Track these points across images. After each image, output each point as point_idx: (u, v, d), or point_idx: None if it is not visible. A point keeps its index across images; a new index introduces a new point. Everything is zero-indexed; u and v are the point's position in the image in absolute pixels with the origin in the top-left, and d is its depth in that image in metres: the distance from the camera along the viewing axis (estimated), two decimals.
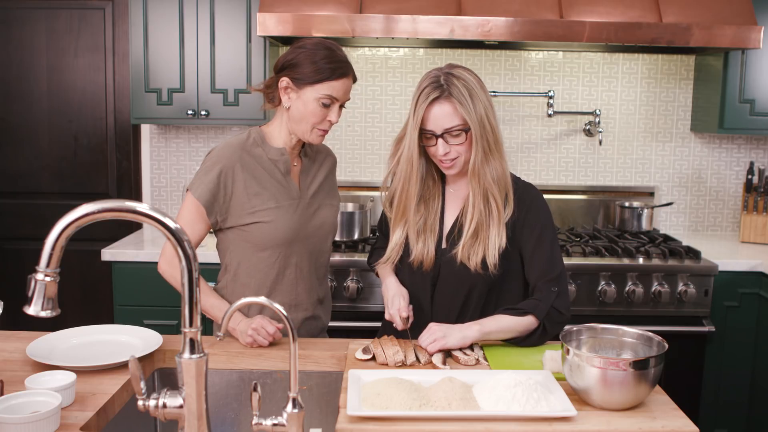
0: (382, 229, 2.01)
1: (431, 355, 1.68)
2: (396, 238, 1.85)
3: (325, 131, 1.83)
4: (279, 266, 1.87)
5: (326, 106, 1.77)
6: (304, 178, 1.92)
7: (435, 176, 1.87)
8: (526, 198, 1.83)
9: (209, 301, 1.84)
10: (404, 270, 1.88)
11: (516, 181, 1.86)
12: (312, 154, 1.97)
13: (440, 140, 1.72)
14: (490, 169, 1.75)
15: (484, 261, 1.77)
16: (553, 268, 1.80)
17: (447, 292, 1.84)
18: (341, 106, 1.82)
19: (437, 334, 1.68)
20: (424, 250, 1.81)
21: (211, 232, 1.93)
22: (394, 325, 1.81)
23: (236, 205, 1.83)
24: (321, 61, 1.75)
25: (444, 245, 1.84)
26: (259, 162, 1.85)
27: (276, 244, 1.85)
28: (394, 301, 1.82)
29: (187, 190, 1.84)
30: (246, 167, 1.82)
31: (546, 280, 1.78)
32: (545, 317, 1.75)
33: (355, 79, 1.84)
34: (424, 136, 1.75)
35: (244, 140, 1.86)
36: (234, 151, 1.83)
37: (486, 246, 1.76)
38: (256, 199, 1.82)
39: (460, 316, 1.84)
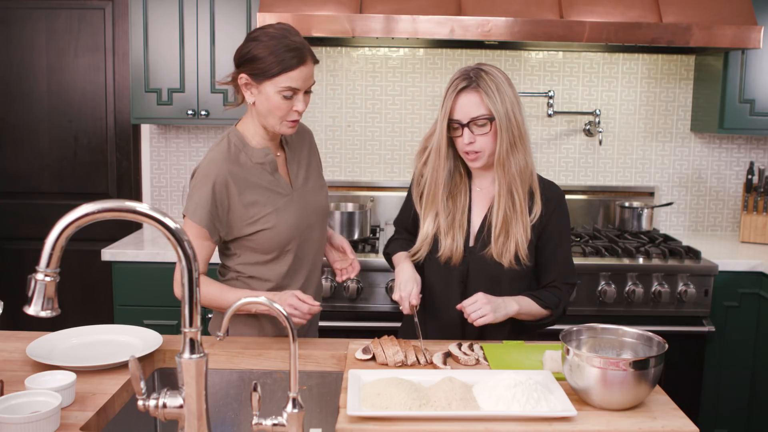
0: (403, 222, 2.05)
1: (476, 323, 1.73)
2: (426, 228, 1.88)
3: (295, 121, 1.80)
4: (288, 262, 1.88)
5: (289, 98, 1.75)
6: (292, 167, 1.92)
7: (462, 172, 1.90)
8: (552, 197, 1.89)
9: (234, 295, 1.80)
10: (432, 266, 1.91)
11: (540, 179, 1.90)
12: (290, 139, 1.96)
13: (465, 129, 1.77)
14: (515, 160, 1.79)
15: (516, 256, 1.82)
16: (572, 270, 1.92)
17: (479, 289, 1.84)
18: (307, 93, 1.78)
19: (486, 309, 1.72)
20: (453, 245, 1.85)
21: None
22: (401, 308, 1.80)
23: (235, 218, 1.82)
24: (275, 53, 1.71)
25: (472, 243, 1.88)
26: (246, 170, 1.83)
27: (281, 245, 1.85)
28: (407, 285, 1.81)
29: (184, 216, 1.81)
30: (236, 179, 1.80)
31: (566, 282, 1.89)
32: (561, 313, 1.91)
33: (315, 61, 1.78)
34: (451, 126, 1.80)
35: (227, 151, 1.82)
36: (221, 165, 1.79)
37: (516, 241, 1.81)
38: (253, 208, 1.82)
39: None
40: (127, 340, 1.76)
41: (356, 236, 3.00)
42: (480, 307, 1.72)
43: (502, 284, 1.85)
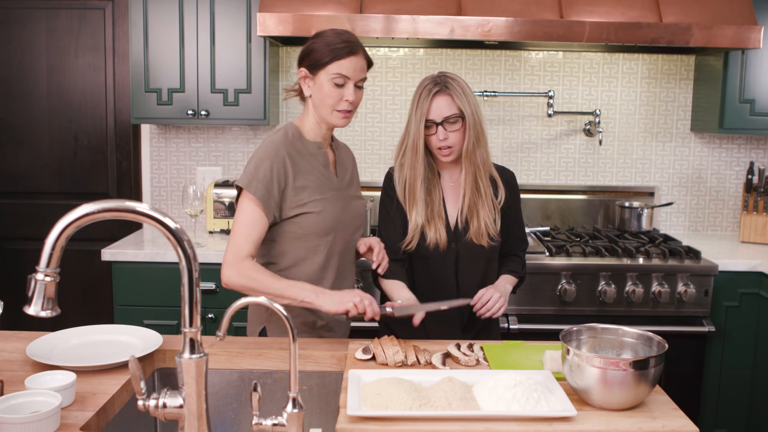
0: (391, 237, 2.10)
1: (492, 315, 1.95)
2: (415, 219, 2.04)
3: (347, 112, 1.89)
4: (325, 254, 1.92)
5: (340, 86, 1.84)
6: (340, 169, 2.01)
7: (434, 169, 2.09)
8: (510, 180, 2.16)
9: (282, 283, 1.79)
10: (424, 254, 2.06)
11: (496, 167, 2.14)
12: (337, 149, 2.05)
13: (440, 128, 1.97)
14: (479, 152, 2.03)
15: (489, 235, 2.06)
16: (525, 239, 2.24)
17: (469, 269, 2.09)
18: (358, 87, 1.88)
19: (501, 301, 1.97)
20: (436, 234, 2.04)
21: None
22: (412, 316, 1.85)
23: (287, 199, 1.87)
24: (330, 44, 1.84)
25: (452, 228, 2.08)
26: (302, 156, 1.91)
27: (323, 232, 1.90)
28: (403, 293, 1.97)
29: (239, 190, 1.86)
30: (293, 161, 1.88)
31: (522, 249, 2.21)
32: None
33: (369, 61, 1.90)
34: (425, 126, 1.99)
35: (284, 137, 1.91)
36: (279, 146, 1.88)
37: (486, 222, 2.05)
38: (303, 192, 1.88)
39: (480, 286, 2.04)
40: (127, 340, 1.76)
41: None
42: (496, 301, 1.95)
43: (486, 262, 2.10)
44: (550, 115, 3.35)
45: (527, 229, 3.21)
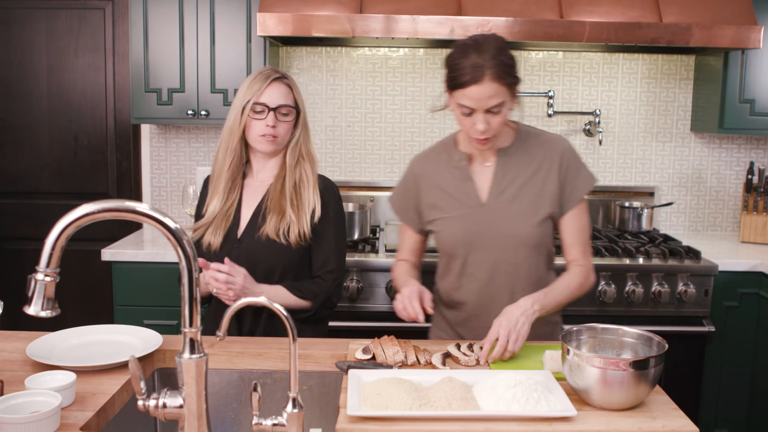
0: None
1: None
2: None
3: (481, 141, 1.70)
4: (457, 275, 1.89)
5: (467, 115, 1.68)
6: (500, 180, 1.81)
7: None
8: (324, 191, 2.03)
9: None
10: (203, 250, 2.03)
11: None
12: (520, 148, 1.82)
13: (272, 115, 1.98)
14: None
15: (292, 232, 1.95)
16: (331, 261, 2.00)
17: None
18: (492, 112, 1.66)
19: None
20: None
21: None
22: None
23: (422, 213, 1.92)
24: (456, 66, 1.65)
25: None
26: (439, 172, 1.88)
27: (446, 252, 1.90)
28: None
29: None
30: (425, 178, 1.90)
31: (328, 271, 1.99)
32: (321, 304, 1.99)
33: (505, 81, 1.66)
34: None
35: (432, 149, 1.93)
36: (418, 162, 1.93)
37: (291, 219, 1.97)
38: (431, 210, 1.89)
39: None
40: (127, 340, 1.76)
41: (356, 236, 3.00)
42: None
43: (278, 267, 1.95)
44: (550, 115, 3.35)
45: None
